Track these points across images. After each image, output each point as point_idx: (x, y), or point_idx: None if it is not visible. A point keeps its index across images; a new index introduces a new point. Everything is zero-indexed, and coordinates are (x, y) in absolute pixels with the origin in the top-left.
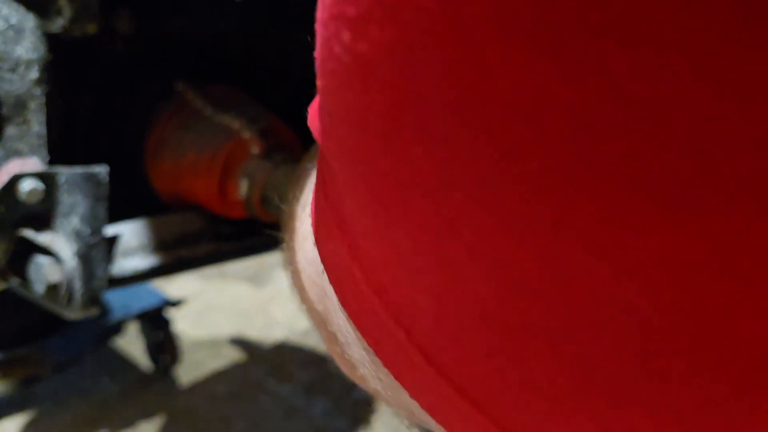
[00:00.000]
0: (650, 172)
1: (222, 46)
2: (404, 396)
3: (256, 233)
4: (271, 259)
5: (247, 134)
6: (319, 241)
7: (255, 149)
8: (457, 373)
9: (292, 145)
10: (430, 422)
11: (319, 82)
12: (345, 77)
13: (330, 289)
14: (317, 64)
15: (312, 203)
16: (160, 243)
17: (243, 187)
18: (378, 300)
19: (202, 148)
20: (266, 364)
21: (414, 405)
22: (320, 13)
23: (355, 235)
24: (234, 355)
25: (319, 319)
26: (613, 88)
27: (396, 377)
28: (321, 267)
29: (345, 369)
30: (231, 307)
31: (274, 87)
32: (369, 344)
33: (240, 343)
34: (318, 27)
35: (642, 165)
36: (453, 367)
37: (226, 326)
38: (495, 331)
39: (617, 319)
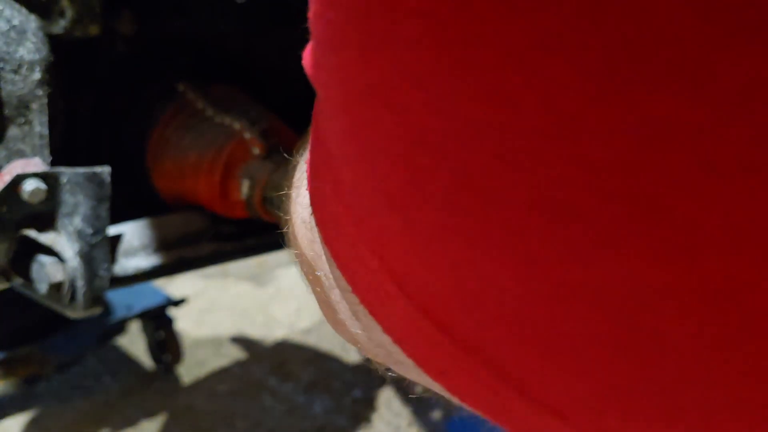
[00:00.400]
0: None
1: (223, 47)
2: (379, 334)
3: (257, 233)
4: (273, 258)
5: (248, 135)
6: (310, 180)
7: (256, 150)
8: (424, 295)
9: (292, 146)
10: (404, 363)
11: (309, 13)
12: (326, 10)
13: (318, 232)
14: (311, 7)
15: (309, 145)
16: (161, 243)
17: (244, 188)
18: (355, 231)
19: (204, 148)
20: (267, 363)
21: (388, 342)
22: None
23: (337, 168)
24: (235, 354)
25: (308, 265)
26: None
27: (370, 311)
28: (311, 210)
29: (327, 314)
30: (232, 307)
31: (274, 87)
32: (347, 280)
33: (241, 342)
34: None
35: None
36: (420, 288)
37: (228, 325)
38: (456, 242)
39: (562, 215)
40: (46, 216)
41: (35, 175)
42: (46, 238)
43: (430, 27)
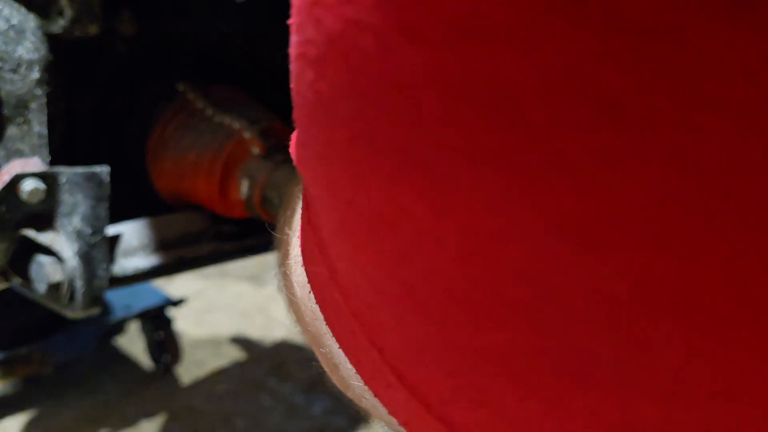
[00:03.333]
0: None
1: (223, 47)
2: (385, 414)
3: (256, 233)
4: (272, 258)
5: (248, 134)
6: (305, 263)
7: (256, 149)
8: (424, 392)
9: None
10: None
11: (294, 112)
12: (310, 112)
13: (319, 311)
14: (293, 93)
15: (300, 226)
16: (161, 243)
17: (244, 187)
18: (355, 321)
19: (204, 148)
20: (267, 363)
21: (395, 422)
22: (291, 50)
23: (332, 257)
24: (235, 354)
25: (313, 340)
26: (541, 139)
27: (375, 395)
28: (309, 288)
29: (340, 387)
30: (232, 307)
31: (274, 87)
32: (351, 363)
33: (241, 342)
34: (290, 63)
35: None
36: (420, 385)
37: (227, 325)
38: (450, 353)
39: (554, 343)
40: (45, 216)
41: (34, 174)
42: (45, 238)
43: (407, 162)
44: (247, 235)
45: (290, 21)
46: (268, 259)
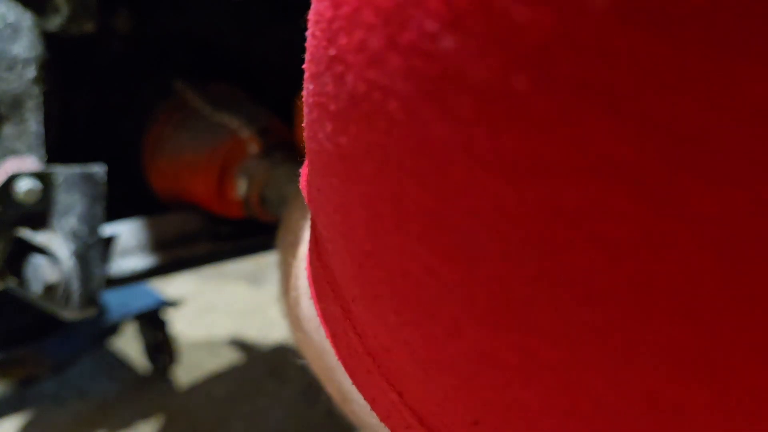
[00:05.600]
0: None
1: (220, 45)
2: None
3: (254, 233)
4: (270, 259)
5: (245, 133)
6: (315, 299)
7: (253, 148)
8: None
9: (291, 144)
10: None
11: (307, 155)
12: (329, 162)
13: (329, 346)
14: (305, 135)
15: (308, 259)
16: (158, 243)
17: (241, 187)
18: (371, 361)
19: (201, 147)
20: (265, 365)
21: None
22: (305, 93)
23: (346, 298)
24: (232, 356)
25: (322, 374)
26: (568, 220)
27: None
28: (318, 322)
29: (352, 419)
30: (229, 308)
31: (273, 86)
32: (366, 401)
33: (238, 343)
34: (305, 104)
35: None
36: (442, 430)
37: (225, 327)
38: (476, 404)
39: (586, 404)
40: (40, 215)
41: (30, 174)
42: (40, 238)
43: (434, 226)
44: (244, 235)
45: (305, 66)
46: (266, 260)
